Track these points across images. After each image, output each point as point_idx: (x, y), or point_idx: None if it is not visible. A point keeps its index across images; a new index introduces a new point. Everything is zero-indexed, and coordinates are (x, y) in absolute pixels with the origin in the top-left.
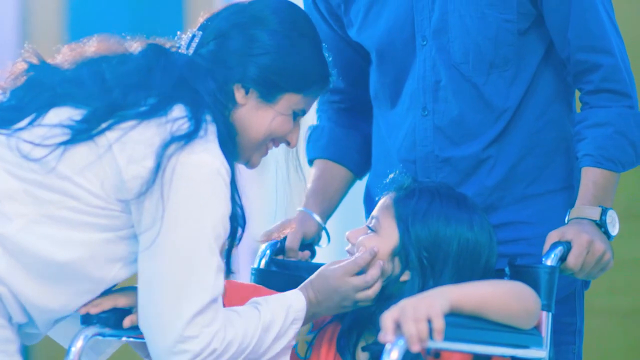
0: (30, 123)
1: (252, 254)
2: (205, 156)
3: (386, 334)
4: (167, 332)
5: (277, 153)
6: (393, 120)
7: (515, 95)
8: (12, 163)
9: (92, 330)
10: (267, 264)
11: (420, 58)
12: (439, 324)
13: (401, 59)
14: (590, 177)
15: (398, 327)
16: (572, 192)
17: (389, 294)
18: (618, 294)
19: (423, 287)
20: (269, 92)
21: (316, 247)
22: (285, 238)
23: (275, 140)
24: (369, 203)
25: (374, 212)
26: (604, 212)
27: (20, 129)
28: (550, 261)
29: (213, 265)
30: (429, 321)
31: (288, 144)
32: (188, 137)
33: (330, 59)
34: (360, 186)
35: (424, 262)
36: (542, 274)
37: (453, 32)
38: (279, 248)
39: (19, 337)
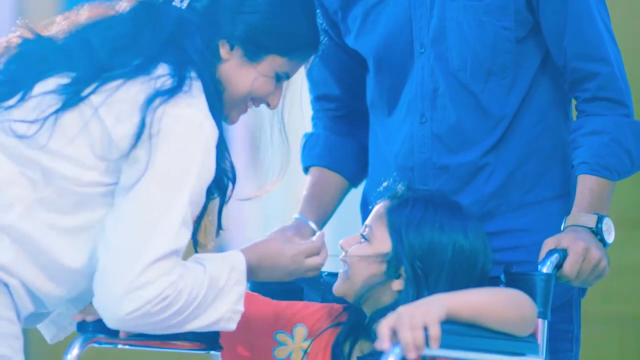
0: (21, 99)
1: None
2: (189, 110)
3: (382, 341)
4: (125, 273)
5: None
6: (390, 127)
7: (513, 103)
8: (5, 145)
9: (87, 338)
10: None
11: (418, 65)
12: (435, 331)
13: (399, 66)
14: (587, 185)
15: (394, 334)
16: (569, 199)
17: (384, 303)
18: (614, 301)
19: (417, 297)
20: (253, 52)
21: None
22: None
23: (255, 100)
24: (366, 210)
25: (368, 221)
26: (600, 220)
27: (11, 106)
28: (546, 268)
29: (180, 217)
30: (425, 328)
31: (268, 105)
32: (171, 92)
33: (324, 26)
34: (356, 193)
35: (418, 271)
36: (538, 282)
37: (451, 40)
38: None
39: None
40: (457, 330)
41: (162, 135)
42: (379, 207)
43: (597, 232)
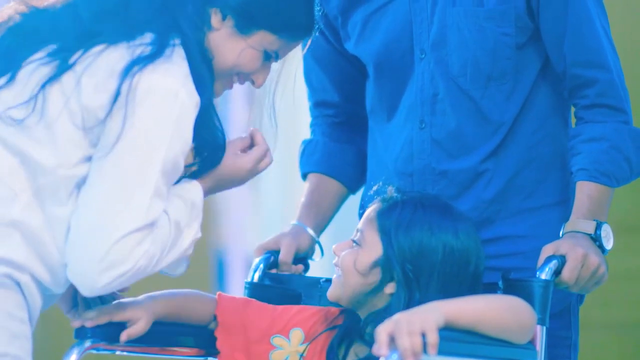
0: (10, 79)
1: (246, 268)
2: (165, 79)
3: (380, 347)
4: (97, 249)
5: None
6: (390, 133)
7: (513, 109)
8: (2, 135)
9: (86, 344)
10: (261, 277)
11: (419, 71)
12: (433, 337)
13: (399, 71)
14: (585, 191)
15: (392, 340)
16: (568, 206)
17: (377, 307)
18: (613, 308)
19: (410, 300)
20: (245, 24)
21: (309, 261)
22: (278, 252)
23: (240, 75)
24: None
25: (359, 225)
26: (598, 226)
27: (1, 87)
28: (544, 275)
29: (152, 189)
30: (423, 335)
31: (253, 83)
32: (149, 59)
33: (321, 12)
34: (354, 199)
35: (409, 274)
36: (537, 288)
37: (451, 45)
38: (272, 262)
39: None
40: (455, 336)
41: (136, 104)
42: (369, 211)
43: (595, 239)
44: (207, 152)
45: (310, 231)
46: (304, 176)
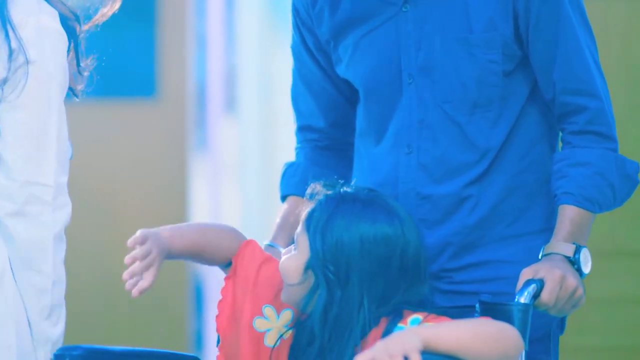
0: None
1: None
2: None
3: None
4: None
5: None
6: (377, 157)
7: (499, 136)
8: None
9: None
10: None
11: (407, 96)
12: (416, 358)
13: (388, 96)
14: (568, 215)
15: None
16: (552, 234)
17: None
18: (590, 332)
19: (332, 298)
20: None
21: None
22: None
23: None
24: None
25: (297, 229)
26: (577, 250)
27: None
28: (523, 299)
29: (54, 149)
30: (406, 358)
31: None
32: None
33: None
34: None
35: (329, 275)
36: (516, 312)
37: (438, 71)
38: None
39: None
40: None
41: (25, 42)
42: (304, 213)
43: (574, 262)
44: None
45: (283, 252)
46: (283, 198)
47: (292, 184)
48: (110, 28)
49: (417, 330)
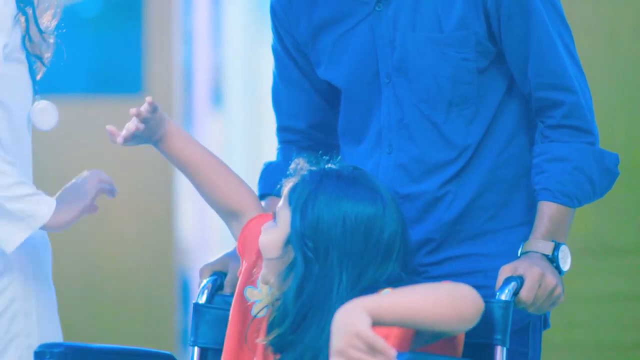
0: None
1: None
2: None
3: None
4: None
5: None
6: (359, 157)
7: (477, 133)
8: None
9: None
10: (208, 299)
11: (385, 96)
12: (378, 343)
13: (366, 96)
14: (546, 212)
15: None
16: (531, 227)
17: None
18: (577, 329)
19: (309, 274)
20: None
21: None
22: (225, 273)
23: None
24: None
25: (278, 204)
26: (556, 247)
27: None
28: (504, 296)
29: None
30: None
31: None
32: None
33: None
34: None
35: (307, 252)
36: (497, 309)
37: (413, 71)
38: (219, 284)
39: None
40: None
41: None
42: (285, 188)
43: (552, 260)
44: None
45: None
46: (261, 197)
47: (269, 183)
48: (97, 25)
49: (363, 302)
